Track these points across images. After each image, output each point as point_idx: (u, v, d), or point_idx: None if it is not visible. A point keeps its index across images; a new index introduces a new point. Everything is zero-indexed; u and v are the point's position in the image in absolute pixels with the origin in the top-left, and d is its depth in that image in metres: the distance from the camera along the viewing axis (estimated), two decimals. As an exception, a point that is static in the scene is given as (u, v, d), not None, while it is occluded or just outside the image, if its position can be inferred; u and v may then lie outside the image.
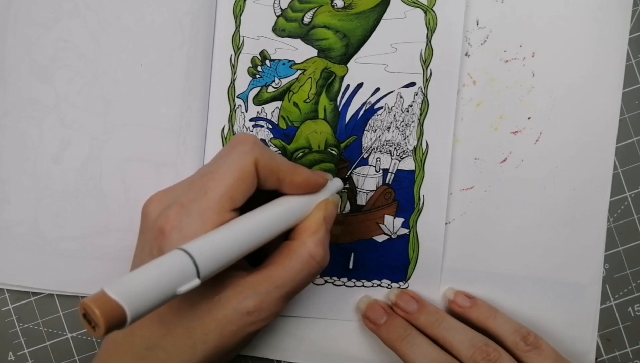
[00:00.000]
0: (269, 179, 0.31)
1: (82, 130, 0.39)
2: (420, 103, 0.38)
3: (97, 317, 0.21)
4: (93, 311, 0.22)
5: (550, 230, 0.39)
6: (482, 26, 0.39)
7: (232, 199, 0.30)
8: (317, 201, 0.33)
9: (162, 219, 0.30)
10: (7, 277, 0.39)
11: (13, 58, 0.39)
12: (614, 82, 0.39)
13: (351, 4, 0.38)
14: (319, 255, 0.31)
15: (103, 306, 0.22)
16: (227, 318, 0.30)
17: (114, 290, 0.22)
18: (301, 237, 0.32)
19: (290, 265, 0.31)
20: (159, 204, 0.31)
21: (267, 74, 0.39)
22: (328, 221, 0.33)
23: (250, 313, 0.30)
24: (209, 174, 0.31)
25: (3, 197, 0.39)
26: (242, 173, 0.30)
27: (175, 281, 0.24)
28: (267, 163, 0.31)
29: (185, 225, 0.29)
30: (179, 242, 0.28)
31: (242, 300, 0.30)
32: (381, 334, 0.38)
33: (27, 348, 0.41)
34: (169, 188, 0.32)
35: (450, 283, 0.40)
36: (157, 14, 0.39)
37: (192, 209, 0.29)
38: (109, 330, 0.22)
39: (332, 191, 0.35)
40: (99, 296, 0.22)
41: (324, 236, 0.32)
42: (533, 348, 0.36)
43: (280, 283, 0.30)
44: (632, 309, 0.40)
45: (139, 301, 0.23)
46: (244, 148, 0.31)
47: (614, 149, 0.39)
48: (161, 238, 0.29)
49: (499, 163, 0.39)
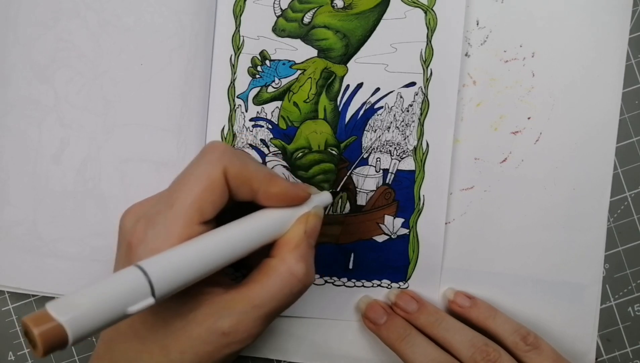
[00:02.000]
0: (242, 190, 0.29)
1: (82, 130, 0.39)
2: (420, 103, 0.38)
3: (35, 337, 0.20)
4: (31, 330, 0.21)
5: (551, 229, 0.39)
6: (482, 26, 0.39)
7: (200, 211, 0.28)
8: (298, 215, 0.31)
9: (130, 233, 0.29)
10: (5, 279, 0.39)
11: (13, 58, 0.39)
12: (614, 82, 0.39)
13: (351, 4, 0.38)
14: (300, 272, 0.29)
15: (42, 325, 0.21)
16: (202, 338, 0.28)
17: (57, 309, 0.21)
18: (281, 253, 0.30)
19: (270, 284, 0.29)
20: (133, 217, 0.30)
21: (267, 74, 0.39)
22: (310, 236, 0.31)
23: (225, 335, 0.28)
24: (177, 185, 0.29)
25: (2, 197, 0.39)
26: (210, 183, 0.28)
27: (126, 300, 0.23)
28: (238, 171, 0.29)
29: (150, 239, 0.28)
30: (144, 257, 0.26)
31: (217, 320, 0.28)
32: (381, 334, 0.38)
33: (27, 348, 0.41)
34: (145, 199, 0.31)
35: (450, 283, 0.40)
36: (157, 14, 0.39)
37: (157, 222, 0.28)
38: (48, 351, 0.21)
39: (316, 204, 0.32)
40: (40, 315, 0.21)
41: (306, 251, 0.30)
42: (533, 348, 0.36)
43: (259, 302, 0.28)
44: (632, 309, 0.40)
45: (82, 322, 0.22)
46: (212, 157, 0.29)
47: (614, 149, 0.39)
48: (129, 253, 0.28)
49: (499, 163, 0.39)
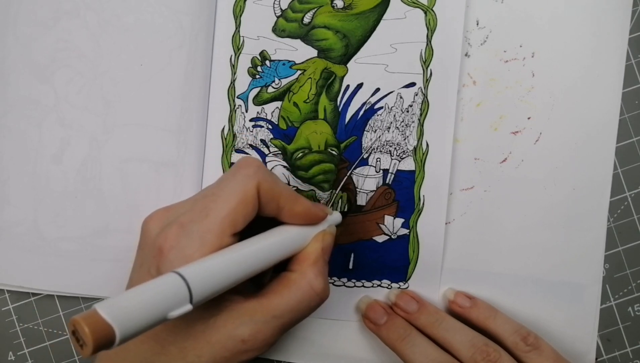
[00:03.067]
0: (269, 205, 0.31)
1: (82, 130, 0.39)
2: (420, 103, 0.38)
3: (86, 335, 0.21)
4: (83, 329, 0.21)
5: (550, 229, 0.39)
6: (482, 26, 0.39)
7: (233, 223, 0.29)
8: (315, 233, 0.33)
9: (162, 238, 0.29)
10: (6, 278, 0.39)
11: (13, 58, 0.39)
12: (614, 82, 0.39)
13: (351, 4, 0.38)
14: (319, 287, 0.31)
15: (93, 325, 0.22)
16: (221, 343, 0.29)
17: (106, 310, 0.22)
18: (301, 268, 0.31)
19: (290, 296, 0.30)
20: (160, 222, 0.31)
21: (267, 75, 0.39)
22: (326, 252, 0.33)
23: (244, 342, 0.29)
24: (212, 196, 0.30)
25: (3, 197, 0.39)
26: (245, 197, 0.30)
27: (167, 305, 0.24)
28: (270, 187, 0.30)
29: (184, 246, 0.29)
30: (176, 262, 0.28)
31: (238, 327, 0.29)
32: (381, 334, 0.38)
33: (27, 348, 0.41)
34: (171, 206, 0.32)
35: (450, 283, 0.40)
36: (157, 14, 0.39)
37: (192, 230, 0.29)
38: (96, 350, 0.22)
39: (329, 224, 0.34)
40: (90, 314, 0.22)
41: (323, 267, 0.32)
42: (533, 348, 0.36)
43: (279, 313, 0.30)
44: (632, 309, 0.40)
45: (129, 323, 0.23)
46: (248, 171, 0.30)
47: (614, 149, 0.39)
48: (160, 257, 0.29)
49: (499, 163, 0.39)
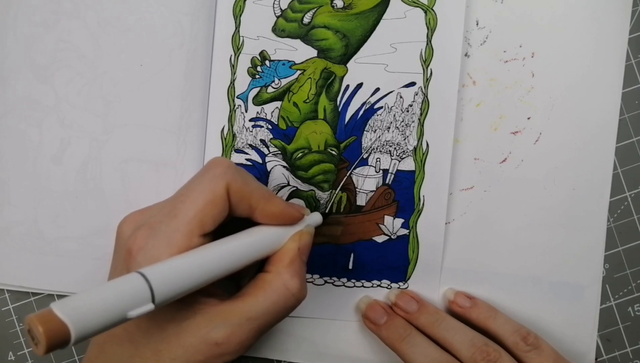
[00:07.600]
0: (241, 206, 0.30)
1: (82, 130, 0.39)
2: (420, 103, 0.38)
3: (40, 334, 0.21)
4: (37, 328, 0.21)
5: (550, 230, 0.39)
6: (482, 26, 0.39)
7: (201, 224, 0.29)
8: (292, 233, 0.32)
9: (131, 240, 0.29)
10: (7, 277, 0.39)
11: (13, 58, 0.39)
12: (614, 82, 0.39)
13: (351, 4, 0.38)
14: (295, 287, 0.31)
15: (47, 323, 0.21)
16: (194, 346, 0.29)
17: (61, 309, 0.22)
18: (276, 269, 0.31)
19: (265, 297, 0.30)
20: (132, 224, 0.31)
21: (267, 75, 0.39)
22: (303, 253, 0.32)
23: (218, 345, 0.29)
24: (181, 196, 0.30)
25: (3, 197, 0.39)
26: (213, 197, 0.29)
27: (127, 304, 0.24)
28: (240, 188, 0.30)
29: (152, 247, 0.28)
30: (144, 263, 0.27)
31: (211, 330, 0.29)
32: (381, 334, 0.38)
33: (27, 348, 0.41)
34: (145, 208, 0.32)
35: (450, 283, 0.40)
36: (157, 14, 0.39)
37: (160, 231, 0.29)
38: (50, 348, 0.21)
39: (308, 224, 0.34)
40: (45, 313, 0.22)
41: (299, 267, 0.31)
42: (533, 348, 0.36)
43: (253, 315, 0.30)
44: (632, 309, 0.40)
45: (85, 322, 0.22)
46: (217, 172, 0.30)
47: (614, 149, 0.39)
48: (129, 259, 0.29)
49: (498, 163, 0.39)
